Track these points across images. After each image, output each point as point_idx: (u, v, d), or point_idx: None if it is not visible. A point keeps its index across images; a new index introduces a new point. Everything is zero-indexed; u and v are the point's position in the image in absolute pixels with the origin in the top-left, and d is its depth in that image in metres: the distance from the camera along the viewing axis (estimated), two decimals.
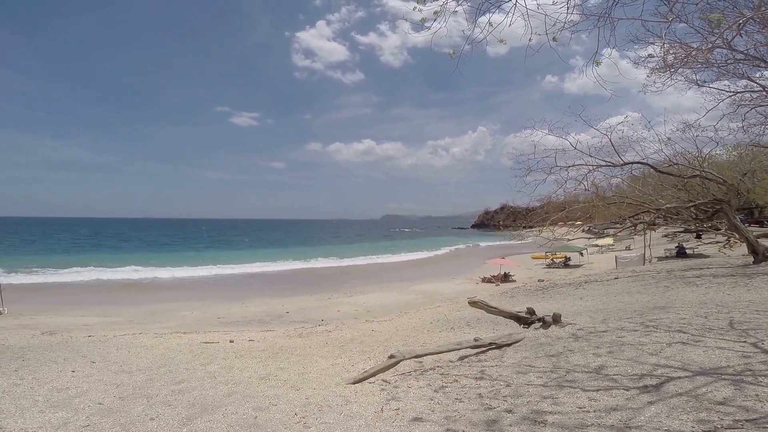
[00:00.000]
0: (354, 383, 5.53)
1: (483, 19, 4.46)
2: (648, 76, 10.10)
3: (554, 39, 4.45)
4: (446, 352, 6.53)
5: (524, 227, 16.83)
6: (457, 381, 4.94)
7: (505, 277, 24.30)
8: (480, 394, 4.31)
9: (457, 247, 59.56)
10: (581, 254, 30.93)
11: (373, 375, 5.81)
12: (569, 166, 15.71)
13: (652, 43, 8.36)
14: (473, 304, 8.00)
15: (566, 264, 30.27)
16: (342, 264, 38.36)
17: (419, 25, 4.37)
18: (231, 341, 9.28)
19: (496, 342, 6.64)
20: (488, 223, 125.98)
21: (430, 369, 5.86)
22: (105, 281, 26.52)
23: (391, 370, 5.98)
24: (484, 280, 24.35)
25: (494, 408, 3.85)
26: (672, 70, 8.99)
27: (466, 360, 6.08)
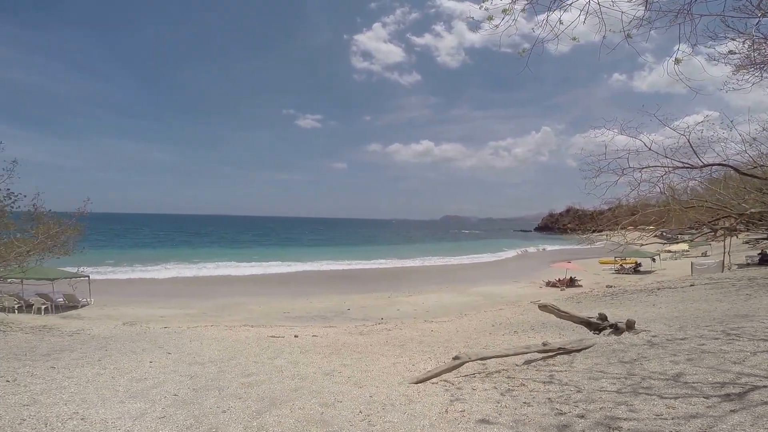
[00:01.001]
0: (417, 383, 5.45)
1: (545, 17, 4.31)
2: (733, 73, 9.12)
3: (628, 35, 4.23)
4: (513, 355, 6.26)
5: (592, 231, 15.71)
6: (524, 385, 4.70)
7: (571, 282, 23.07)
8: (549, 398, 4.08)
9: (519, 249, 57.33)
10: (653, 260, 29.19)
11: (437, 375, 5.69)
12: (643, 168, 14.50)
13: (732, 39, 7.58)
14: (543, 307, 7.66)
15: (636, 270, 28.57)
16: (401, 264, 38.35)
17: (476, 25, 4.28)
18: (296, 336, 9.57)
19: (566, 347, 6.25)
20: (553, 226, 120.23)
21: (495, 372, 5.63)
22: (181, 275, 28.58)
23: (454, 371, 5.84)
24: (549, 284, 23.28)
25: (565, 413, 3.63)
26: (762, 67, 8.07)
27: (533, 364, 5.78)
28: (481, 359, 6.17)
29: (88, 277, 18.04)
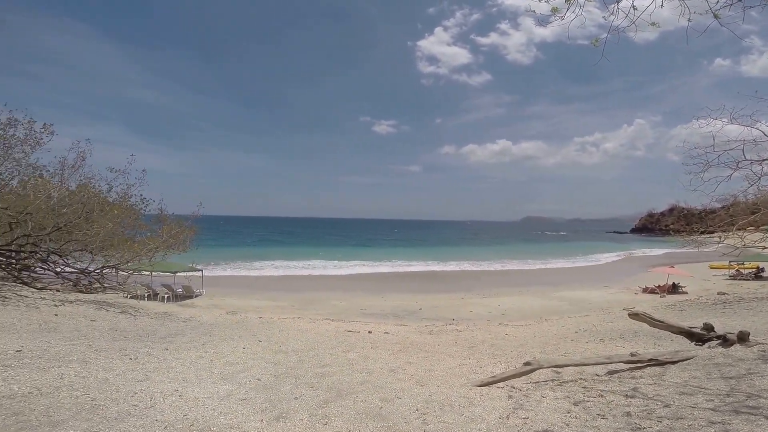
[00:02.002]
0: (481, 386, 5.38)
1: (623, 4, 4.04)
2: None
3: (716, 16, 3.82)
4: (593, 365, 5.86)
5: (701, 232, 13.87)
6: (602, 396, 4.40)
7: (674, 288, 20.59)
8: (628, 412, 3.76)
9: (620, 253, 52.36)
10: None
11: (503, 380, 5.55)
12: (763, 160, 12.48)
13: None
14: (634, 316, 6.98)
15: (758, 275, 24.67)
16: (477, 266, 37.35)
17: (545, 19, 4.12)
18: (369, 332, 9.95)
19: (658, 358, 5.68)
20: (653, 227, 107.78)
21: (570, 381, 5.34)
22: (276, 273, 31.08)
23: (523, 377, 5.64)
24: (647, 290, 21.03)
25: (644, 428, 3.33)
26: None
27: (616, 375, 5.37)
28: (556, 367, 5.86)
29: (201, 271, 20.48)
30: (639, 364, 5.63)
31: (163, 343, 7.24)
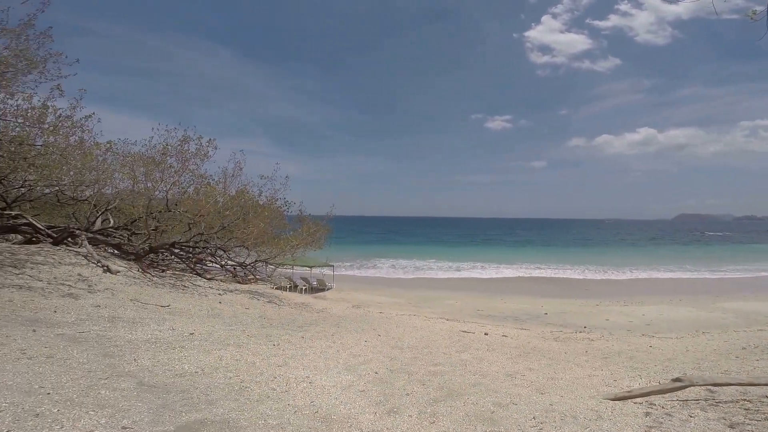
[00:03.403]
0: (613, 399, 4.91)
1: None
2: None
3: None
4: (765, 385, 4.88)
5: None
6: None
7: None
8: None
9: None
10: None
11: (643, 396, 4.99)
12: None
13: None
14: None
15: None
16: (617, 272, 32.50)
17: None
18: (486, 334, 9.73)
19: None
20: None
21: (729, 401, 4.58)
22: (396, 269, 32.41)
23: (668, 394, 4.98)
24: None
25: None
26: None
27: None
28: (713, 385, 5.04)
29: (333, 266, 22.61)
30: None
31: (300, 332, 8.10)
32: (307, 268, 21.46)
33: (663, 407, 4.53)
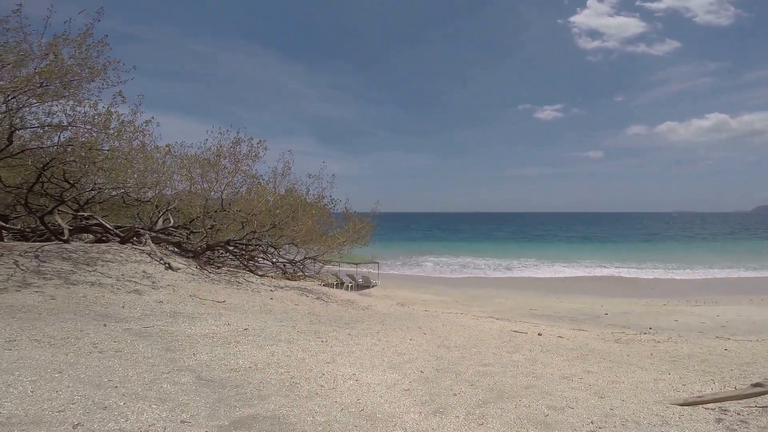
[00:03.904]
0: (682, 405, 4.54)
1: None
2: None
3: None
4: None
5: None
6: None
7: None
8: None
9: None
10: None
11: (716, 401, 4.59)
12: None
13: None
14: None
15: None
16: (688, 269, 29.52)
17: None
18: (539, 334, 9.33)
19: None
20: None
21: None
22: (442, 266, 32.07)
23: (744, 400, 4.55)
24: None
25: None
26: None
27: None
28: None
29: (378, 263, 22.75)
30: None
31: (346, 329, 8.16)
32: (353, 265, 21.71)
33: (738, 414, 4.15)
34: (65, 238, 11.31)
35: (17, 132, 9.97)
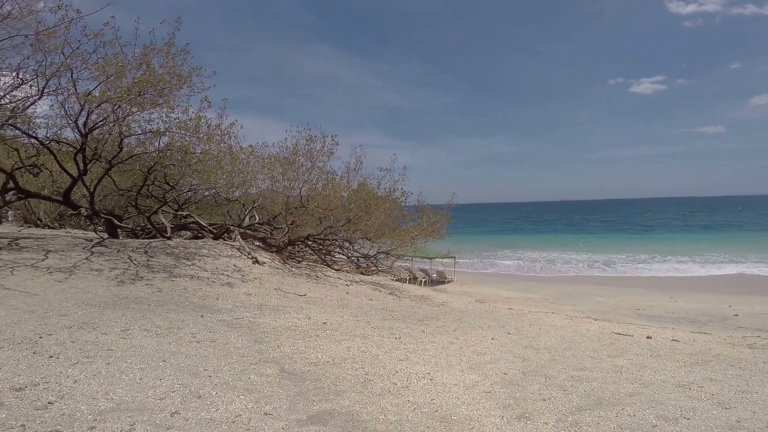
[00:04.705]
0: None
1: None
2: None
3: None
4: None
5: None
6: None
7: None
8: None
9: None
10: None
11: None
12: None
13: None
14: None
15: None
16: None
17: None
18: (648, 337, 8.28)
19: None
20: None
21: None
22: (527, 261, 30.42)
23: None
24: None
25: None
26: None
27: None
28: None
29: (454, 258, 22.09)
30: None
31: (420, 325, 7.98)
32: (427, 260, 21.32)
33: None
34: (168, 235, 12.57)
35: (125, 139, 11.14)
